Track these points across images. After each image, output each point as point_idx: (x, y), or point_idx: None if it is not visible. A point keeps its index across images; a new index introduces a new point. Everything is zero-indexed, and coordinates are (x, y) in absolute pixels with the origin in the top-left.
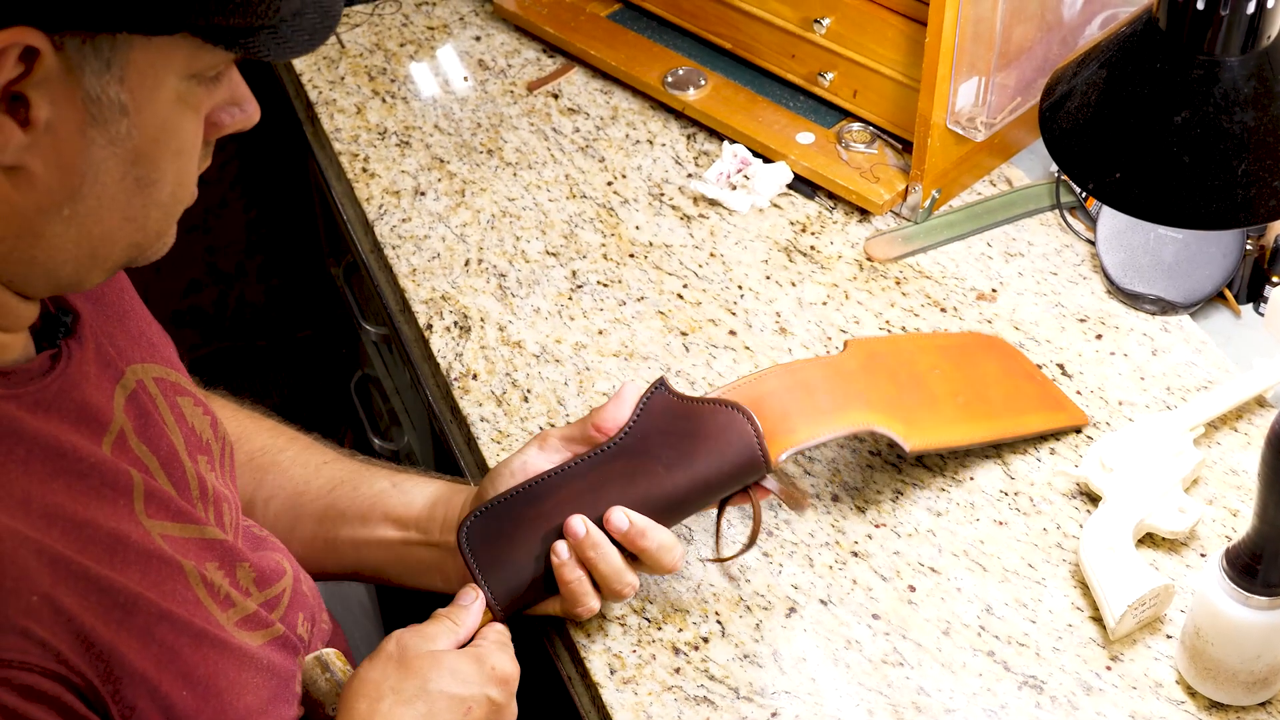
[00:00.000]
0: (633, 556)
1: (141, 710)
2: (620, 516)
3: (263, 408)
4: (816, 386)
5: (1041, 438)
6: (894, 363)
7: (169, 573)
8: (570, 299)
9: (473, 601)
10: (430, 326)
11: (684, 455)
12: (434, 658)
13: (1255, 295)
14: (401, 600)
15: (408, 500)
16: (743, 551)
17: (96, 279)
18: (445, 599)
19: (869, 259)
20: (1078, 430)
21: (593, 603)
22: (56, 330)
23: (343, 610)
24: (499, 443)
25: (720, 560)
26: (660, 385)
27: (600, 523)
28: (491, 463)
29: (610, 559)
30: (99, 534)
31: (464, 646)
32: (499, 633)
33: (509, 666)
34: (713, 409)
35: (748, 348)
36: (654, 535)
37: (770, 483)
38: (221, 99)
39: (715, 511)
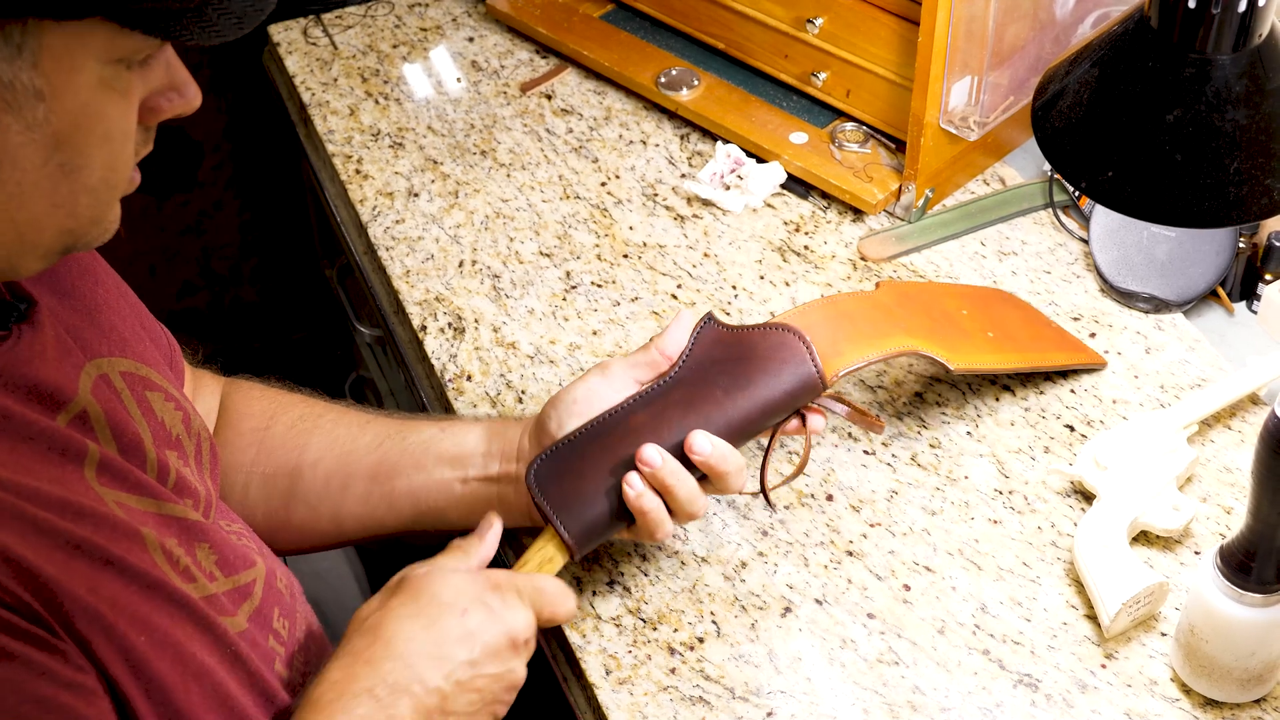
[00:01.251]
0: (701, 478)
1: (98, 646)
2: (703, 441)
3: (290, 383)
4: (858, 316)
5: (1066, 373)
6: (925, 301)
7: (124, 532)
8: (564, 300)
9: (488, 530)
10: (424, 328)
11: (740, 379)
12: (426, 575)
13: (1248, 293)
14: None
15: (458, 440)
16: (791, 478)
17: (34, 265)
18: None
19: (863, 258)
20: (1097, 370)
21: (670, 527)
22: (10, 316)
23: (337, 609)
24: None
25: (769, 490)
26: (709, 319)
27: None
28: None
29: (688, 484)
30: (46, 492)
31: None
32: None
33: (502, 575)
34: (764, 333)
35: None
36: (732, 458)
37: (835, 405)
38: (158, 84)
39: (764, 443)
